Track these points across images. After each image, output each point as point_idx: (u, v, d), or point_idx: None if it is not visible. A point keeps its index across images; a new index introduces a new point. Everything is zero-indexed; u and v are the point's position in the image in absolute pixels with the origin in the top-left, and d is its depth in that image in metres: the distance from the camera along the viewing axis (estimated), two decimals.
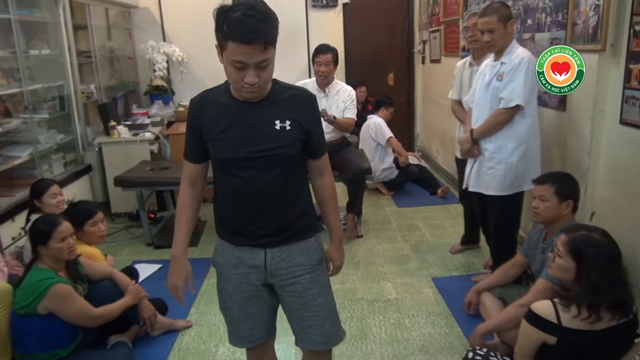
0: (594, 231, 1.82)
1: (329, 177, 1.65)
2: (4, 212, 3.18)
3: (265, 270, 1.57)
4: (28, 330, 2.16)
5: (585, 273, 1.70)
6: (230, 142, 1.48)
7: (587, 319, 1.64)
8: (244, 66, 1.34)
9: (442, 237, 3.80)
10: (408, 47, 6.30)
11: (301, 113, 1.51)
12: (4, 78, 3.57)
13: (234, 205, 1.54)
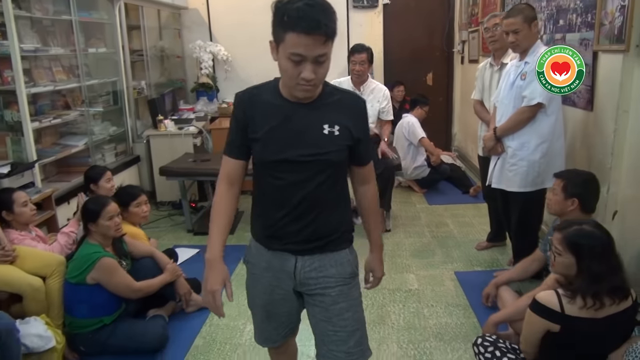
0: (586, 224, 1.88)
1: (372, 185, 1.60)
2: (61, 195, 3.50)
3: (294, 278, 1.53)
4: (78, 297, 2.43)
5: (585, 265, 1.77)
6: (275, 144, 1.43)
7: (591, 307, 1.71)
8: (301, 59, 1.29)
9: (469, 234, 3.86)
10: (448, 47, 6.33)
11: (351, 119, 1.46)
12: (64, 74, 3.92)
13: (273, 208, 1.49)
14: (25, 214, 2.67)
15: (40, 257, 2.49)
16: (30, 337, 2.17)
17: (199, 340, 2.60)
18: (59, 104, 3.93)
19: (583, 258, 1.78)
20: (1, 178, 2.92)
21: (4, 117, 3.21)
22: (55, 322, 2.39)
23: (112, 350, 2.46)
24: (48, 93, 3.73)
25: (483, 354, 2.10)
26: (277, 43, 1.32)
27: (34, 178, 3.22)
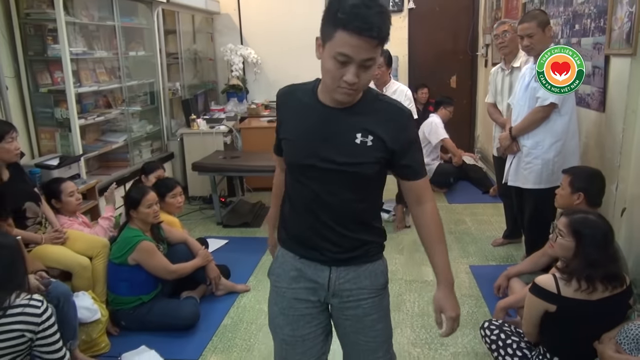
0: (591, 214, 2.02)
1: (430, 205, 1.43)
2: (102, 187, 3.79)
3: (327, 289, 1.46)
4: (120, 277, 2.69)
5: (583, 250, 1.91)
6: (303, 148, 1.37)
7: (585, 290, 1.86)
8: (347, 60, 1.21)
9: (486, 231, 3.99)
10: (472, 51, 6.44)
11: (389, 130, 1.34)
12: (107, 75, 4.23)
13: (302, 216, 1.44)
14: (72, 203, 2.95)
15: (87, 240, 2.76)
16: (79, 309, 2.42)
17: (227, 320, 2.83)
18: (102, 103, 4.23)
19: (583, 243, 1.93)
20: (51, 169, 3.22)
21: (54, 114, 3.52)
22: (100, 298, 2.65)
23: (150, 326, 2.70)
24: (92, 93, 4.04)
25: (489, 337, 2.26)
26: (325, 40, 1.24)
27: (79, 170, 3.52)
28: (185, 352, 2.55)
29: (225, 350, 2.56)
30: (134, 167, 4.26)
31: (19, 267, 1.84)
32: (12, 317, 1.70)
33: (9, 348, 1.69)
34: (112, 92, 4.32)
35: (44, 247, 2.59)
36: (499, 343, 2.21)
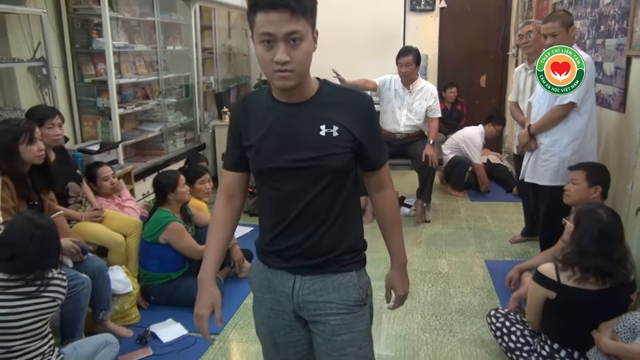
0: (602, 208, 2.09)
1: (389, 191, 1.43)
2: (138, 172, 4.04)
3: (292, 300, 1.36)
4: (151, 254, 2.90)
5: (577, 237, 2.00)
6: (266, 151, 1.29)
7: (577, 278, 1.94)
8: (271, 39, 1.16)
9: (505, 228, 4.04)
10: (502, 50, 6.43)
11: (353, 119, 1.29)
12: (145, 68, 4.47)
13: (270, 222, 1.35)
14: (105, 187, 3.17)
15: (122, 219, 2.99)
16: (113, 281, 2.65)
17: (248, 300, 3.00)
18: (140, 94, 4.48)
19: (578, 231, 2.01)
20: (92, 154, 3.46)
21: (96, 103, 3.78)
22: (132, 273, 2.87)
23: (176, 302, 2.89)
24: (131, 84, 4.29)
25: (494, 324, 2.36)
26: (252, 31, 1.20)
27: (117, 156, 3.76)
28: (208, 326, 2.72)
29: (245, 326, 2.73)
30: (169, 155, 4.50)
31: (53, 246, 2.08)
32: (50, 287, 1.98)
33: (45, 310, 1.97)
34: (149, 84, 4.57)
35: (83, 224, 2.82)
36: (504, 330, 2.30)
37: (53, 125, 2.77)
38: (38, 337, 1.98)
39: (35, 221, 2.05)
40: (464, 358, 2.42)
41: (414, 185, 4.24)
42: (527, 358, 2.19)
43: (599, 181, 2.54)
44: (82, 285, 2.32)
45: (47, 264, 2.02)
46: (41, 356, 1.99)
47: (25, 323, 1.92)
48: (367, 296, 1.40)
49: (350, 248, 1.37)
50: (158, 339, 2.61)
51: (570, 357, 2.06)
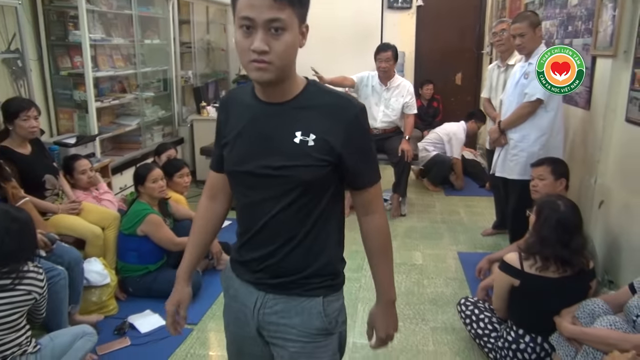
0: (562, 200, 2.20)
1: (378, 216, 1.26)
2: (115, 166, 4.03)
3: (253, 317, 1.25)
4: (129, 246, 2.91)
5: (538, 227, 2.11)
6: (239, 152, 1.20)
7: (539, 266, 2.05)
8: (250, 24, 1.05)
9: (478, 222, 4.16)
10: (477, 49, 6.57)
11: (335, 129, 1.15)
12: (123, 61, 4.46)
13: (240, 230, 1.26)
14: (82, 181, 3.17)
15: (100, 212, 2.99)
16: (91, 273, 2.66)
17: None
18: (117, 88, 4.46)
19: (539, 221, 2.12)
20: (69, 147, 3.45)
21: (72, 96, 3.76)
22: (110, 265, 2.88)
23: (155, 293, 2.90)
24: (108, 77, 4.27)
25: (464, 312, 2.45)
26: (234, 17, 1.10)
27: (95, 149, 3.75)
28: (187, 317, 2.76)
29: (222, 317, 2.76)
30: (146, 149, 4.50)
31: (29, 239, 2.10)
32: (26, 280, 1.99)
33: (20, 303, 1.98)
34: (127, 78, 4.55)
35: (61, 216, 2.82)
36: (473, 317, 2.40)
37: (29, 117, 2.76)
38: (14, 330, 1.98)
39: (12, 214, 2.06)
40: (435, 345, 2.51)
41: (390, 180, 4.32)
42: (494, 343, 2.29)
43: (564, 174, 2.67)
44: (59, 276, 2.33)
45: (23, 257, 2.03)
46: (18, 347, 2.00)
47: (0, 315, 1.94)
48: (336, 324, 1.26)
49: (320, 271, 1.23)
50: (136, 329, 2.63)
51: (534, 342, 2.16)
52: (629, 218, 2.59)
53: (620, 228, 2.69)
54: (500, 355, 2.25)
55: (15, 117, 2.74)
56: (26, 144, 2.83)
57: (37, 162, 2.84)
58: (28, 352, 2.02)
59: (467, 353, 2.43)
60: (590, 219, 2.94)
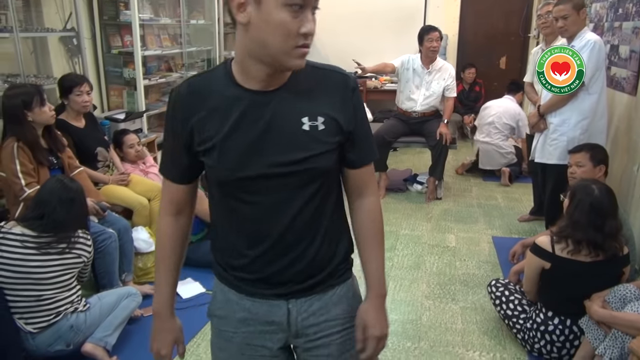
0: (596, 184, 2.18)
1: (374, 199, 1.15)
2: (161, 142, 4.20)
3: (289, 329, 1.13)
4: None
5: (571, 211, 2.10)
6: (234, 154, 1.02)
7: (570, 250, 2.05)
8: (303, 3, 0.93)
9: (515, 208, 4.13)
10: (524, 32, 6.40)
11: (336, 103, 1.05)
12: (169, 41, 4.61)
13: (246, 244, 1.09)
14: (130, 154, 3.35)
15: (146, 184, 3.16)
16: (138, 240, 2.84)
17: None
18: (164, 67, 4.63)
19: (572, 205, 2.11)
20: (118, 122, 3.64)
21: (122, 74, 3.94)
22: (155, 235, 3.05)
23: (195, 263, 3.02)
24: (156, 56, 4.43)
25: (494, 293, 2.48)
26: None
27: (142, 125, 3.93)
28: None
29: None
30: None
31: (80, 208, 2.28)
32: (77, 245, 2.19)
33: (71, 265, 2.19)
34: (173, 57, 4.72)
35: (110, 186, 3.00)
36: (503, 299, 2.43)
37: (82, 92, 2.93)
38: (66, 289, 2.18)
39: (65, 184, 2.24)
40: (463, 323, 2.55)
41: (427, 163, 4.34)
42: (523, 325, 2.31)
43: (602, 160, 2.62)
44: (110, 239, 2.51)
45: (74, 225, 2.21)
46: (70, 304, 2.19)
47: (53, 275, 2.12)
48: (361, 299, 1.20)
49: (345, 256, 1.17)
50: (178, 295, 2.79)
51: (563, 325, 2.18)
52: None
53: None
54: (528, 336, 2.28)
55: (69, 92, 2.91)
56: (80, 118, 3.01)
57: (91, 135, 3.02)
58: (79, 310, 2.21)
59: (495, 333, 2.47)
60: (630, 206, 2.89)
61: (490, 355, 2.32)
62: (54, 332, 2.13)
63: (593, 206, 2.08)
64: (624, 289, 2.00)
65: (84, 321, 2.19)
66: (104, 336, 2.22)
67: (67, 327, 2.15)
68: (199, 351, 2.35)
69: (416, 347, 2.37)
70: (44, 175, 2.46)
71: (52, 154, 2.59)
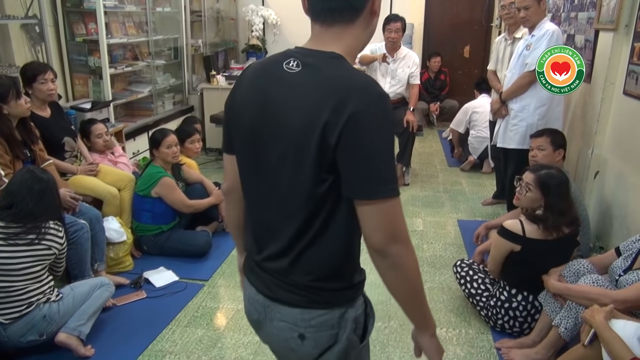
0: (552, 168, 2.31)
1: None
2: (128, 132, 4.16)
3: None
4: (144, 207, 3.07)
5: (552, 201, 2.22)
6: None
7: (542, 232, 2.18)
8: None
9: (479, 192, 4.28)
10: (486, 22, 6.57)
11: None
12: (135, 29, 4.53)
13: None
14: (98, 144, 3.31)
15: (116, 173, 3.14)
16: (109, 230, 2.82)
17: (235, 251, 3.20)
18: (129, 55, 4.55)
19: (550, 196, 2.23)
20: (85, 112, 3.58)
21: (87, 62, 3.86)
22: (126, 224, 3.04)
23: (168, 251, 3.09)
24: (121, 45, 4.35)
25: (459, 273, 2.60)
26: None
27: (109, 115, 3.88)
28: (198, 274, 2.94)
29: (231, 274, 2.95)
30: (158, 116, 4.62)
31: (51, 200, 2.24)
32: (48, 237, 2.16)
33: (41, 256, 2.16)
34: (139, 45, 4.63)
35: (79, 177, 2.97)
36: (467, 278, 2.55)
37: (46, 80, 2.87)
38: (37, 280, 2.16)
39: (36, 175, 2.21)
40: (431, 302, 2.66)
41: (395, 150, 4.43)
42: (486, 302, 2.44)
43: (562, 145, 2.76)
44: (82, 230, 2.50)
45: (45, 216, 2.18)
46: (42, 295, 2.18)
47: (23, 267, 2.10)
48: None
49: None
50: (151, 284, 2.81)
51: (526, 301, 2.31)
52: (622, 187, 2.71)
53: (613, 197, 2.80)
54: (492, 313, 2.40)
55: (33, 80, 2.86)
56: (45, 107, 2.95)
57: (57, 124, 2.97)
58: (51, 300, 2.20)
59: (460, 310, 2.59)
60: (585, 188, 3.06)
61: (456, 332, 2.43)
62: (26, 323, 2.12)
63: (566, 187, 2.22)
64: (578, 263, 2.14)
65: (57, 311, 2.19)
66: (78, 325, 2.22)
67: (40, 317, 2.14)
68: (174, 337, 2.38)
69: (386, 326, 2.46)
70: (18, 168, 2.43)
71: (25, 146, 2.55)
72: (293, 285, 1.07)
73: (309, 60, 1.01)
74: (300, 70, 1.00)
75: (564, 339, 2.04)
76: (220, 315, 2.57)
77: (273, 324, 1.11)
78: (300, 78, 0.99)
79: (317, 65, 1.00)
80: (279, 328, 1.10)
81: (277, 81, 1.01)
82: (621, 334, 1.63)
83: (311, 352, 1.09)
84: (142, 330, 2.42)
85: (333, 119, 0.93)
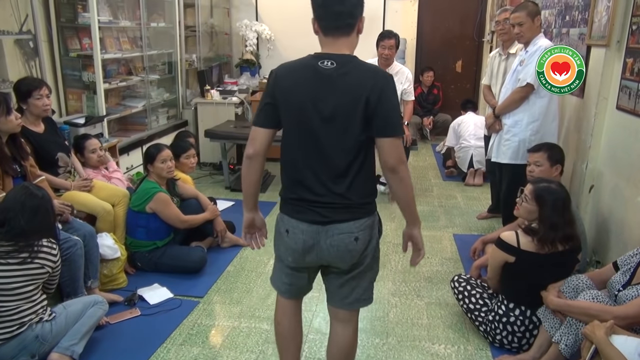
0: (552, 183, 2.32)
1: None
2: (122, 147, 4.14)
3: None
4: (138, 223, 3.04)
5: (546, 214, 2.22)
6: None
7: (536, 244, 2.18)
8: None
9: (474, 206, 4.29)
10: (478, 37, 6.65)
11: None
12: (129, 44, 4.53)
13: None
14: (92, 160, 3.28)
15: (110, 189, 3.11)
16: (103, 247, 2.78)
17: (230, 267, 3.18)
18: (123, 70, 4.55)
19: (545, 209, 2.23)
20: (78, 127, 3.56)
21: (81, 77, 3.84)
22: (119, 240, 3.00)
23: (162, 268, 3.05)
24: (115, 60, 4.35)
25: (457, 288, 2.59)
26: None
27: (103, 130, 3.86)
28: (193, 290, 2.90)
29: (227, 291, 2.91)
30: (152, 131, 4.60)
31: (47, 216, 2.20)
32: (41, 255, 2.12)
33: (34, 276, 2.12)
34: (133, 60, 4.63)
35: (73, 192, 2.94)
36: (465, 293, 2.53)
37: (41, 96, 2.85)
38: (30, 299, 2.12)
39: (31, 192, 2.17)
40: (429, 318, 2.64)
41: None
42: (485, 317, 2.42)
43: (559, 160, 2.78)
44: (76, 246, 2.46)
45: (38, 234, 2.13)
46: (34, 315, 2.13)
47: (15, 286, 2.06)
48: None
49: None
50: (145, 301, 2.76)
51: (524, 316, 2.30)
52: (617, 201, 2.72)
53: (609, 211, 2.81)
54: (490, 328, 2.39)
55: (28, 95, 2.83)
56: (39, 123, 2.93)
57: (50, 140, 2.94)
58: (44, 320, 2.16)
59: (458, 326, 2.57)
60: (580, 202, 3.07)
61: (455, 348, 2.41)
62: (18, 343, 2.08)
63: (564, 203, 2.22)
64: (577, 279, 2.13)
65: (50, 331, 2.14)
66: (71, 345, 2.18)
67: (32, 337, 2.10)
68: (169, 356, 2.33)
69: (384, 342, 2.44)
70: (7, 184, 2.40)
71: (15, 162, 2.52)
72: (349, 205, 1.64)
73: (338, 60, 1.58)
74: (335, 67, 1.57)
75: (564, 355, 2.03)
76: (216, 333, 2.53)
77: (332, 239, 1.65)
78: (337, 72, 1.56)
79: (346, 63, 1.58)
80: (338, 239, 1.65)
81: (320, 74, 1.57)
82: (622, 349, 1.63)
83: (361, 248, 1.69)
84: (136, 349, 2.37)
85: (372, 93, 1.54)
